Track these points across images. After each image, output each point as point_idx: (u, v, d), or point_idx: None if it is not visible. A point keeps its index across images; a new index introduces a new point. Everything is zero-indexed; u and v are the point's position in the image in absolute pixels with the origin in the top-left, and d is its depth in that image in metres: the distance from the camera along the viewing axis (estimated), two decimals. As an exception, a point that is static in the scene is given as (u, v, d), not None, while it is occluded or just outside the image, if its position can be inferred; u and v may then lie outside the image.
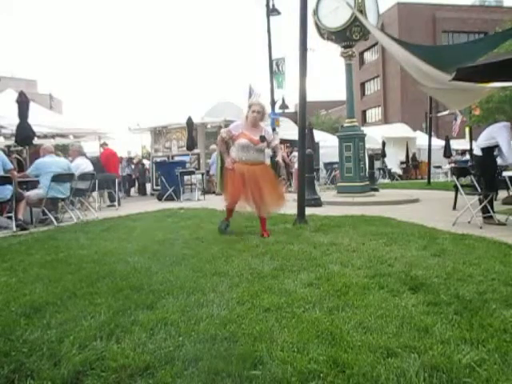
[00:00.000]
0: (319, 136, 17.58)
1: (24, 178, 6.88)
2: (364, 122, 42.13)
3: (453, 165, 15.23)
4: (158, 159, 14.46)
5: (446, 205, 7.29)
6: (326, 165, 16.36)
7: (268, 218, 4.96)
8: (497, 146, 5.44)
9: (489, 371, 1.63)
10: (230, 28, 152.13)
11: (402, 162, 22.03)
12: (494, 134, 5.44)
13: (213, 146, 11.97)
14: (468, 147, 18.25)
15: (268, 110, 4.83)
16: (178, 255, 3.74)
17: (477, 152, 5.63)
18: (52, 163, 6.75)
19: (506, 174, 5.64)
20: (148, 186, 15.92)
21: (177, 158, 13.69)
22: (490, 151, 5.49)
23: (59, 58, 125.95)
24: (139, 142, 18.84)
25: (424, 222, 5.29)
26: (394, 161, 20.84)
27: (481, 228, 5.04)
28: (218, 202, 6.86)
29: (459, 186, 5.97)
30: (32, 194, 6.67)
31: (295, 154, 12.73)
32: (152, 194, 13.96)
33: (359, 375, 1.62)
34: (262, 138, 4.62)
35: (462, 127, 21.17)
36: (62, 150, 10.34)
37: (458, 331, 1.99)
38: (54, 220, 6.47)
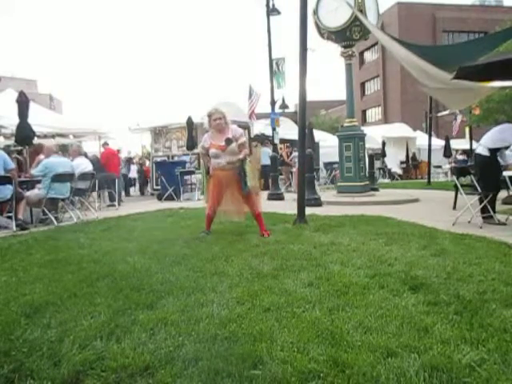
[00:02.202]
0: (319, 136, 17.56)
1: (30, 178, 6.89)
2: (364, 121, 42.11)
3: (453, 164, 15.24)
4: (158, 159, 14.45)
5: (446, 205, 7.29)
6: (326, 165, 16.34)
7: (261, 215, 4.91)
8: (506, 147, 5.42)
9: (489, 371, 1.63)
10: (230, 28, 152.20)
11: (401, 162, 22.01)
12: (507, 136, 5.39)
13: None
14: (468, 147, 18.25)
15: (227, 113, 4.89)
16: (178, 255, 3.74)
17: (483, 152, 5.53)
18: (59, 164, 6.77)
19: (506, 173, 5.62)
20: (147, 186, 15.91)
21: (177, 158, 13.68)
22: (496, 152, 5.46)
23: (59, 58, 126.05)
24: (139, 142, 18.83)
25: (424, 222, 5.29)
26: (393, 161, 20.81)
27: (481, 228, 5.04)
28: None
29: (459, 186, 5.96)
30: (32, 194, 6.67)
31: (295, 154, 12.73)
32: (152, 194, 13.95)
33: (359, 375, 1.62)
34: (228, 141, 4.66)
35: (462, 127, 21.18)
36: (62, 150, 10.32)
37: (458, 331, 1.99)
38: (54, 220, 6.47)
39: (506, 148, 5.55)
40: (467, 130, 20.08)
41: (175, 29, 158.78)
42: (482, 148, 5.60)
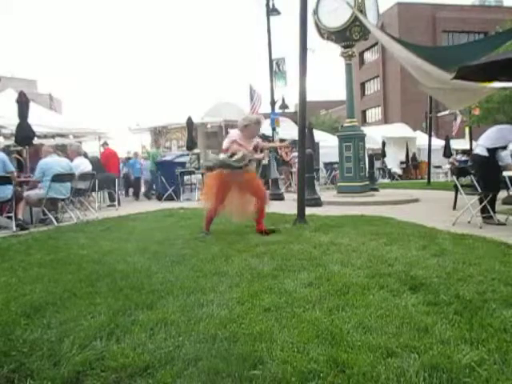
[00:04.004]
0: (319, 136, 17.57)
1: (29, 180, 6.91)
2: (364, 121, 42.08)
3: (451, 160, 15.19)
4: (158, 159, 14.44)
5: (445, 205, 7.29)
6: (326, 165, 16.35)
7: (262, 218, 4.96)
8: (503, 147, 5.41)
9: (489, 371, 1.63)
10: (230, 28, 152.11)
11: (401, 162, 22.02)
12: (505, 134, 5.36)
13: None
14: (468, 147, 18.24)
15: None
16: (178, 255, 3.75)
17: (481, 152, 5.51)
18: (54, 163, 6.77)
19: (505, 173, 5.62)
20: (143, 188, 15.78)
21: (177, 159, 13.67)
22: (495, 152, 5.45)
23: (59, 58, 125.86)
24: (139, 142, 18.83)
25: (424, 222, 5.28)
26: (393, 161, 20.83)
27: (481, 228, 5.04)
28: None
29: (459, 186, 5.96)
30: (32, 193, 6.67)
31: (295, 154, 12.72)
32: (152, 194, 13.95)
33: (359, 375, 1.62)
34: (255, 148, 4.94)
35: (462, 127, 21.17)
36: (62, 150, 10.32)
37: (458, 331, 1.99)
38: (53, 220, 6.47)
39: (504, 148, 5.54)
40: (467, 130, 20.07)
41: (175, 28, 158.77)
42: (480, 148, 5.57)
